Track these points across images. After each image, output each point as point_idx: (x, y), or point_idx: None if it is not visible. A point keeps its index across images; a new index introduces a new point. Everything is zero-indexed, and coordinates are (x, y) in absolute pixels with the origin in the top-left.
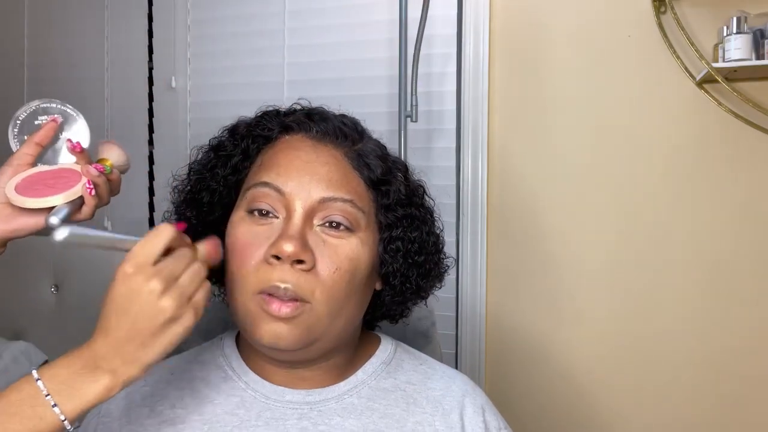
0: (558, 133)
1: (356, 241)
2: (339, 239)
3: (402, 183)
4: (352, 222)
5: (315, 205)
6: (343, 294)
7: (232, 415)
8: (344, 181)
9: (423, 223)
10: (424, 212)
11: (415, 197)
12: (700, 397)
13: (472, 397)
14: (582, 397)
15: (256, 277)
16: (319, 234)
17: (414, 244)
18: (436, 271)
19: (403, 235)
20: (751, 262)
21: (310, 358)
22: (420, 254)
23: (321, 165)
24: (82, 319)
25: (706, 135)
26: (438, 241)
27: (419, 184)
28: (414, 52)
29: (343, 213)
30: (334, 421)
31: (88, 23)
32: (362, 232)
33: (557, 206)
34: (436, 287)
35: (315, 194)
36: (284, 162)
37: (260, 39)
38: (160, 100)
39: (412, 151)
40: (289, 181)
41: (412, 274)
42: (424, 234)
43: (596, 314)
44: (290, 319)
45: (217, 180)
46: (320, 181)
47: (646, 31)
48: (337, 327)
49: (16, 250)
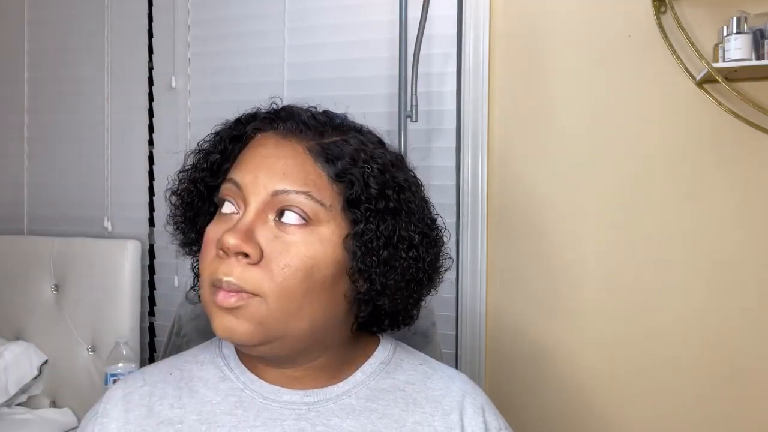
0: (558, 132)
1: (314, 238)
2: (292, 236)
3: (372, 176)
4: (310, 216)
5: (268, 199)
6: (297, 292)
7: (230, 415)
8: (301, 174)
9: (399, 217)
10: (403, 206)
11: (389, 190)
12: (701, 397)
13: (472, 397)
14: (582, 396)
15: (209, 269)
16: (272, 229)
17: (382, 239)
18: (423, 269)
19: (373, 229)
20: (751, 262)
21: (283, 355)
22: (394, 248)
23: (278, 159)
24: (82, 319)
25: (706, 135)
26: (427, 238)
27: (409, 179)
28: (414, 52)
29: (298, 206)
30: (333, 422)
31: (88, 23)
32: (323, 227)
33: (557, 206)
34: (433, 288)
35: (269, 187)
36: (248, 159)
37: (260, 39)
38: (160, 100)
39: (412, 151)
40: (246, 175)
41: (389, 272)
42: (400, 229)
43: (596, 314)
44: (235, 310)
45: (195, 178)
46: (274, 175)
47: (646, 31)
48: (301, 326)
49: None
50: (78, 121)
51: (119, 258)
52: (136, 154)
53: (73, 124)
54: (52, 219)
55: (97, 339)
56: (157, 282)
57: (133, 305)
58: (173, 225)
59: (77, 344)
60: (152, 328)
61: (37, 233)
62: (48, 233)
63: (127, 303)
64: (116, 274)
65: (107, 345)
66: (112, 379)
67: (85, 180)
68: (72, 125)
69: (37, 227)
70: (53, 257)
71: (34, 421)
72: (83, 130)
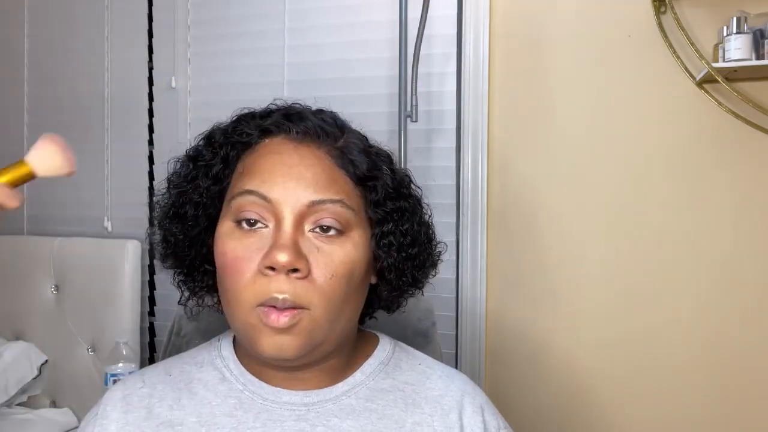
0: (558, 132)
1: (350, 243)
2: (332, 244)
3: (388, 175)
4: (344, 224)
5: (304, 210)
6: (341, 299)
7: (229, 416)
8: (331, 181)
9: (413, 214)
10: (413, 203)
11: (403, 188)
12: (701, 396)
13: (471, 397)
14: (582, 396)
15: (253, 290)
16: (311, 240)
17: (407, 237)
18: (430, 261)
19: (395, 228)
20: (750, 262)
21: (312, 361)
22: (413, 246)
23: (306, 168)
24: (82, 319)
25: (705, 135)
26: (429, 230)
27: (405, 173)
28: (414, 52)
29: (333, 215)
30: (332, 423)
31: (88, 23)
32: (354, 232)
33: (557, 206)
34: (431, 276)
35: (303, 199)
36: (268, 168)
37: (260, 39)
38: (160, 100)
39: (412, 151)
40: (274, 188)
41: (407, 267)
42: (415, 225)
43: (596, 314)
44: (290, 329)
45: (199, 192)
46: (307, 185)
47: (646, 31)
48: (337, 330)
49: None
50: (78, 121)
51: (119, 258)
52: (136, 154)
53: (73, 124)
54: (52, 219)
55: (97, 339)
56: (157, 282)
57: (133, 305)
58: (171, 246)
59: (77, 344)
60: (152, 328)
61: (37, 233)
62: (48, 233)
63: (127, 303)
64: (116, 274)
65: (107, 345)
66: (112, 379)
67: (85, 180)
68: (72, 125)
69: (37, 227)
70: (53, 257)
71: (34, 421)
72: (83, 131)
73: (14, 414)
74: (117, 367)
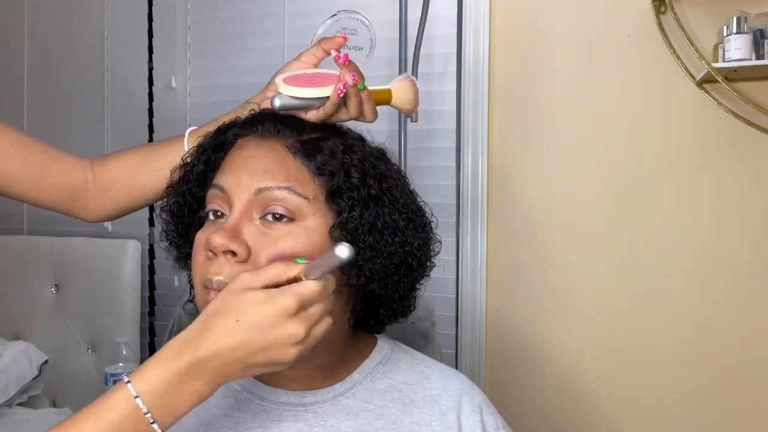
0: (558, 133)
1: (300, 230)
2: (280, 230)
3: (352, 166)
4: (294, 211)
5: (252, 198)
6: None
7: (227, 416)
8: (282, 169)
9: (381, 203)
10: (385, 194)
11: (370, 179)
12: (701, 397)
13: (470, 396)
14: (582, 397)
15: (201, 271)
16: (258, 226)
17: (366, 225)
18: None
19: (357, 217)
20: (751, 262)
21: None
22: (379, 234)
23: (258, 158)
24: (82, 319)
25: (706, 135)
26: (412, 223)
27: (391, 169)
28: (414, 52)
29: (282, 203)
30: (330, 423)
31: (88, 23)
32: (308, 220)
33: (557, 206)
34: (424, 274)
35: (251, 187)
36: (229, 162)
37: (260, 39)
38: (160, 100)
39: (412, 151)
40: (229, 179)
41: (376, 257)
42: (384, 215)
43: (596, 314)
44: None
45: (192, 195)
46: (255, 173)
47: (646, 31)
48: None
49: (17, 250)
50: (78, 121)
51: (119, 258)
52: None
53: (73, 124)
54: (52, 219)
55: (97, 339)
56: (157, 282)
57: (133, 305)
58: (167, 241)
59: (77, 344)
60: (152, 328)
61: (37, 233)
62: (48, 233)
63: (127, 303)
64: (116, 274)
65: (107, 345)
66: (111, 379)
67: None
68: (72, 125)
69: (37, 227)
70: (53, 257)
71: (34, 421)
72: (83, 130)
73: (14, 414)
74: (117, 367)
